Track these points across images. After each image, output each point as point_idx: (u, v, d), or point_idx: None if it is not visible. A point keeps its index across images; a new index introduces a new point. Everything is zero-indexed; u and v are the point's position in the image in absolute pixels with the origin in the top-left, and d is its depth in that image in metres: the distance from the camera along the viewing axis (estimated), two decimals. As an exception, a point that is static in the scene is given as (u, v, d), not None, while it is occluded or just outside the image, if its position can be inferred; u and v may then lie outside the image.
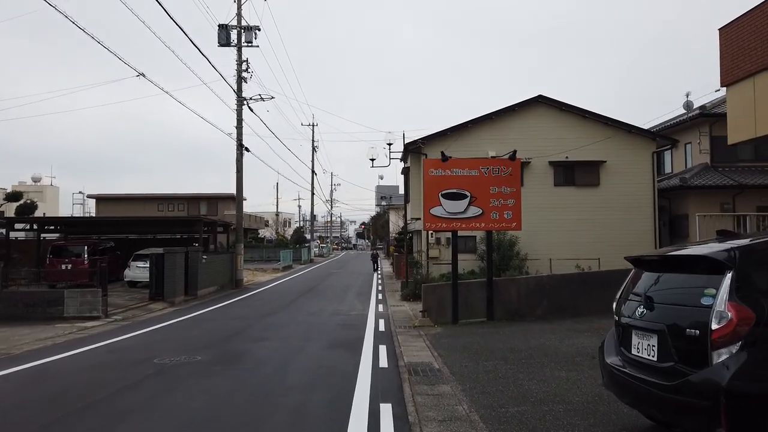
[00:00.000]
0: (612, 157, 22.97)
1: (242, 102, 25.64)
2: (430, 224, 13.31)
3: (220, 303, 19.18)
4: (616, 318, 5.19)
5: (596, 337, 10.27)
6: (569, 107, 23.17)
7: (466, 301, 13.33)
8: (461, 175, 13.25)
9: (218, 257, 23.79)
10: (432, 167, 13.34)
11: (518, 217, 13.26)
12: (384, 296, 20.89)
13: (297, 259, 44.94)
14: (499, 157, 23.18)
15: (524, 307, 13.38)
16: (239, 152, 25.53)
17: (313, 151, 48.90)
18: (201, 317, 15.42)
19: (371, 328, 12.89)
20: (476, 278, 22.00)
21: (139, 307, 17.57)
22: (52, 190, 67.82)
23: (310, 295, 21.28)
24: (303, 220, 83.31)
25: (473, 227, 13.31)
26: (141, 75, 15.39)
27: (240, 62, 25.45)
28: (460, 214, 13.19)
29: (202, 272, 21.54)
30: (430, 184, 13.31)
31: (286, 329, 12.81)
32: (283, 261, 37.85)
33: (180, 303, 19.11)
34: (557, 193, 23.18)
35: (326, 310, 16.67)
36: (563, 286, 13.49)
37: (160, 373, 8.18)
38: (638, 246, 22.77)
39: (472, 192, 13.18)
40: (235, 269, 25.55)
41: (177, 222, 22.86)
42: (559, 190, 23.26)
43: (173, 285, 19.04)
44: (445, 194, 13.21)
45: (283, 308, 17.26)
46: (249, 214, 53.53)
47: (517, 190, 13.30)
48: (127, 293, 21.21)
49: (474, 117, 23.40)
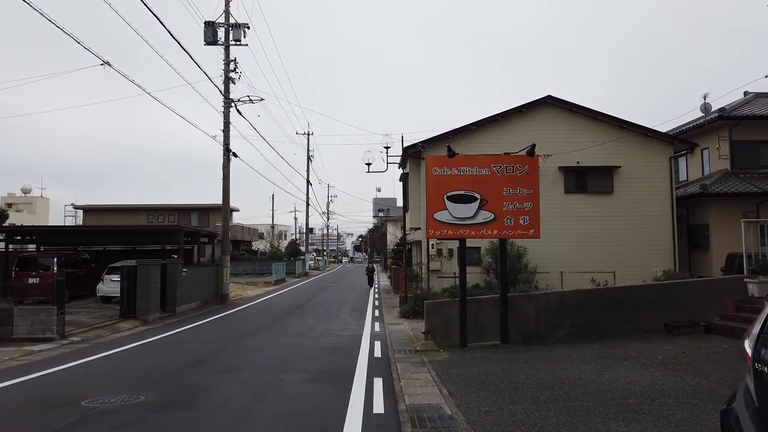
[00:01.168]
0: (626, 162, 21.10)
1: (229, 104, 23.75)
2: (434, 231, 11.34)
3: (199, 321, 17.10)
4: (756, 366, 3.16)
5: (641, 368, 8.25)
6: (580, 108, 21.33)
7: (476, 321, 11.33)
8: (470, 174, 11.31)
9: (201, 270, 21.74)
10: (436, 165, 11.40)
11: (536, 223, 11.31)
12: (381, 313, 18.84)
13: (291, 272, 42.85)
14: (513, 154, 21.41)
15: (543, 327, 11.37)
16: (226, 157, 23.58)
17: (309, 160, 47.10)
18: (171, 339, 13.35)
19: (365, 352, 10.84)
20: (482, 293, 20.00)
21: (105, 327, 15.48)
22: (42, 201, 65.70)
23: (299, 312, 19.22)
24: (299, 232, 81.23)
25: (484, 234, 11.33)
26: (106, 63, 13.50)
27: (227, 62, 23.59)
28: (468, 219, 11.23)
29: (182, 286, 19.48)
30: (434, 185, 11.37)
31: (264, 355, 10.76)
32: (275, 274, 35.77)
33: (154, 321, 17.03)
34: (568, 200, 21.26)
35: (315, 329, 14.62)
36: (588, 304, 11.48)
37: (78, 424, 6.10)
38: (656, 259, 20.84)
39: (482, 194, 11.23)
40: (221, 283, 23.47)
41: (156, 232, 20.88)
42: (570, 197, 21.34)
43: (147, 301, 16.96)
44: (452, 196, 11.26)
45: (267, 327, 15.19)
46: (242, 225, 51.49)
47: (534, 192, 11.36)
48: (98, 310, 19.11)
49: (478, 119, 21.54)
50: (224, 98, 23.63)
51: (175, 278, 18.99)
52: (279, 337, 13.25)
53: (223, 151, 23.57)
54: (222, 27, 23.56)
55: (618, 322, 11.35)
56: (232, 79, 23.74)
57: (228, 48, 23.61)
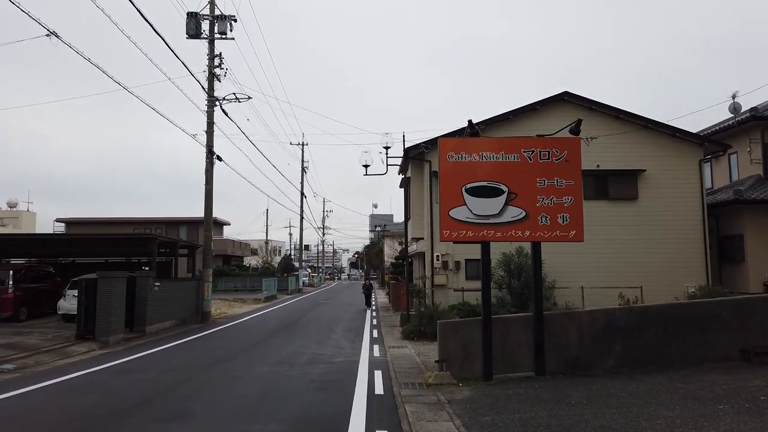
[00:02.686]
0: (652, 165, 18.80)
1: (213, 102, 21.41)
2: (449, 232, 8.89)
3: (170, 343, 14.51)
4: None
5: (752, 417, 5.75)
6: (600, 106, 19.07)
7: (503, 347, 8.84)
8: (495, 161, 8.93)
9: (178, 285, 19.17)
10: (452, 150, 9.00)
11: (579, 222, 8.90)
12: (380, 334, 16.28)
13: (283, 288, 40.20)
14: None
15: (588, 354, 8.88)
16: (209, 160, 21.16)
17: (303, 171, 44.69)
18: (125, 367, 10.76)
19: (363, 387, 8.32)
20: (495, 312, 17.52)
21: (52, 351, 12.87)
22: (29, 215, 62.88)
23: (286, 332, 16.64)
24: (294, 248, 78.55)
25: (513, 237, 8.90)
26: (53, 34, 11.13)
27: (212, 56, 21.32)
28: (493, 217, 8.82)
29: (154, 303, 16.91)
30: (449, 175, 8.96)
31: (231, 391, 8.20)
32: (266, 291, 33.14)
33: (117, 343, 14.43)
34: (588, 207, 18.54)
35: (303, 354, 12.07)
36: (643, 325, 9.00)
37: None
38: (686, 272, 18.41)
39: (510, 185, 8.84)
40: (201, 299, 20.87)
41: (125, 242, 18.34)
42: (589, 204, 18.74)
43: (108, 319, 14.38)
44: (472, 189, 8.85)
45: (245, 352, 12.62)
46: (233, 240, 48.90)
47: (576, 184, 8.97)
48: (56, 329, 16.48)
49: (487, 117, 19.26)
50: (208, 96, 21.30)
51: (145, 293, 16.43)
52: (257, 365, 10.68)
53: (206, 153, 21.16)
54: (206, 19, 21.35)
55: (681, 348, 8.89)
56: (216, 75, 21.44)
57: (213, 42, 21.35)
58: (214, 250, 44.88)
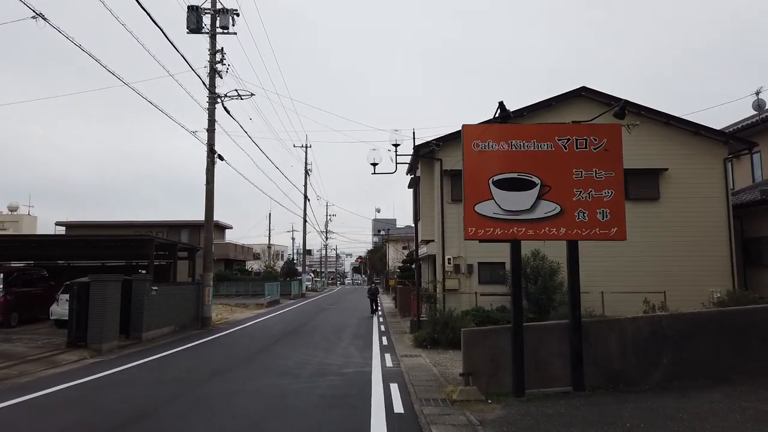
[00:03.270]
0: (674, 164, 17.81)
1: (215, 99, 20.50)
2: (475, 229, 7.89)
3: (166, 351, 13.52)
4: None
5: None
6: (619, 102, 18.06)
7: (535, 358, 7.83)
8: (526, 150, 7.95)
9: (177, 289, 18.18)
10: (477, 138, 8.03)
11: (621, 219, 7.91)
12: (390, 341, 15.28)
13: (286, 293, 39.17)
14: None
15: (632, 366, 7.86)
16: (210, 159, 20.23)
17: (306, 174, 43.77)
18: (115, 379, 9.77)
19: (380, 404, 7.32)
20: (508, 317, 16.49)
21: (40, 359, 11.90)
22: (30, 219, 62.03)
23: (291, 339, 15.63)
24: (296, 253, 77.55)
25: (546, 235, 7.90)
26: (39, 16, 10.21)
27: (213, 52, 20.43)
28: (524, 213, 7.83)
29: (152, 308, 15.93)
30: (474, 165, 7.98)
31: (230, 408, 7.21)
32: (268, 295, 32.13)
33: (110, 351, 13.46)
34: (608, 208, 17.84)
35: (309, 363, 11.07)
36: (694, 334, 7.99)
37: None
38: (710, 276, 17.36)
39: (543, 177, 7.86)
40: (202, 304, 19.89)
41: (121, 244, 17.32)
42: (609, 204, 17.95)
43: (101, 326, 13.41)
44: (501, 181, 7.88)
45: (247, 361, 11.62)
46: (235, 244, 47.93)
47: (617, 176, 7.98)
48: (47, 336, 15.52)
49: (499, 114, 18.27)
50: (209, 92, 20.38)
51: (141, 298, 15.45)
52: (259, 376, 9.67)
53: (207, 152, 20.23)
54: (208, 13, 20.47)
55: (737, 359, 7.88)
56: (218, 71, 20.54)
57: (214, 37, 20.47)
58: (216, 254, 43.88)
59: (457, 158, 18.45)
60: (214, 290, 40.39)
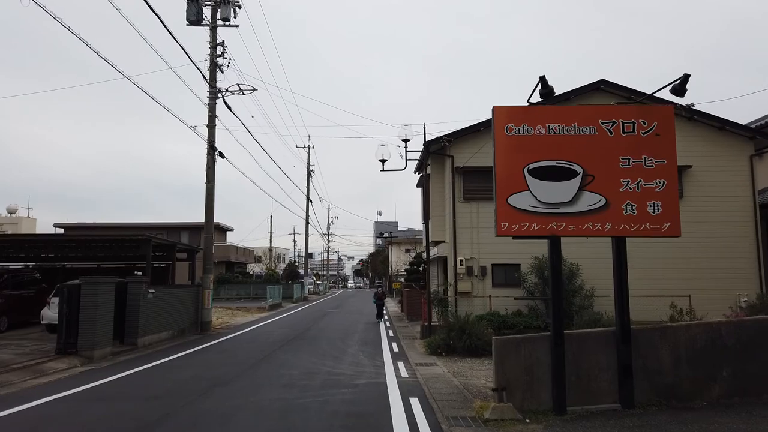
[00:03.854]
0: (698, 161, 16.85)
1: (216, 94, 19.58)
2: (508, 224, 6.93)
3: (163, 358, 12.55)
4: None
5: None
6: (639, 95, 17.07)
7: (576, 370, 6.86)
8: (566, 135, 7.01)
9: (176, 292, 17.21)
10: (510, 121, 7.08)
11: (674, 212, 6.96)
12: (400, 347, 14.30)
13: (288, 296, 38.18)
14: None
15: (686, 380, 6.89)
16: (210, 157, 19.29)
17: (309, 175, 42.79)
18: (105, 391, 8.81)
19: (402, 425, 6.35)
20: (527, 323, 15.52)
21: (27, 368, 10.92)
22: (29, 221, 61.12)
23: (295, 345, 14.65)
24: (298, 255, 76.55)
25: (590, 230, 6.93)
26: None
27: (214, 45, 19.51)
28: (564, 206, 6.88)
29: (148, 312, 14.97)
30: (507, 153, 7.03)
31: (229, 430, 6.24)
32: (270, 298, 31.14)
33: (103, 358, 12.50)
34: (628, 206, 16.88)
35: (317, 373, 10.09)
36: (757, 343, 7.02)
37: None
38: (735, 279, 16.35)
39: (585, 166, 6.91)
40: (201, 308, 18.91)
41: (115, 244, 16.28)
42: (629, 203, 16.99)
43: (92, 331, 12.45)
44: (537, 170, 6.93)
45: (249, 370, 10.64)
46: (236, 246, 46.98)
47: (670, 163, 7.03)
48: (37, 342, 14.55)
49: (516, 107, 17.34)
50: (210, 87, 19.46)
51: (137, 301, 14.50)
52: (262, 388, 8.70)
53: (207, 149, 19.29)
54: (208, 5, 19.56)
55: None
56: (219, 65, 19.62)
57: (215, 29, 19.55)
58: (217, 257, 42.91)
59: (470, 154, 17.51)
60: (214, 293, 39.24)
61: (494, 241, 17.41)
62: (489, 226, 17.20)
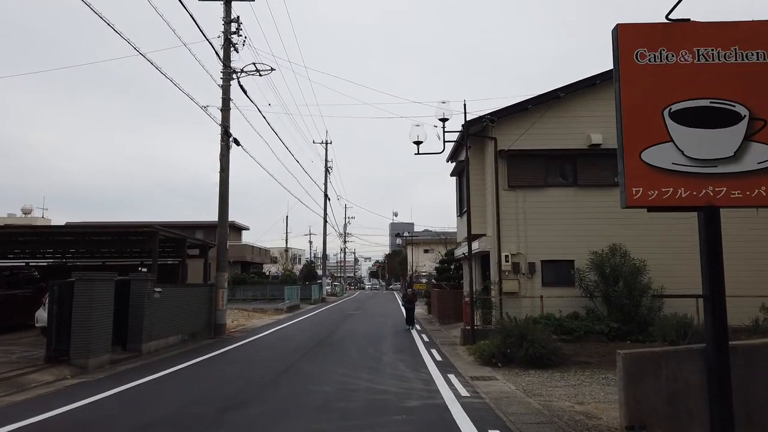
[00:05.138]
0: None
1: (230, 75, 17.67)
2: (643, 189, 4.77)
3: (168, 368, 10.57)
4: None
5: None
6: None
7: (745, 399, 4.71)
8: (722, 63, 4.86)
9: (186, 291, 15.27)
10: (642, 44, 4.94)
11: None
12: (443, 355, 12.17)
13: (306, 298, 36.22)
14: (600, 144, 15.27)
15: None
16: (224, 143, 17.36)
17: (327, 172, 40.88)
18: (89, 414, 6.81)
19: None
20: (589, 327, 13.33)
21: (7, 380, 8.97)
22: (43, 222, 59.98)
23: (321, 353, 12.61)
24: (314, 256, 74.67)
25: (762, 198, 4.78)
26: None
27: (228, 21, 17.60)
28: (723, 163, 4.73)
29: (154, 314, 13.04)
30: (638, 88, 4.90)
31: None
32: (288, 300, 29.21)
33: (99, 367, 10.58)
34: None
35: (354, 390, 8.03)
36: None
37: None
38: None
39: (753, 107, 4.77)
40: (215, 310, 16.97)
41: (119, 237, 14.30)
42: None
43: (86, 337, 10.51)
44: (683, 113, 4.79)
45: (270, 387, 8.59)
46: (252, 245, 45.18)
47: None
48: (28, 347, 12.65)
49: (570, 82, 15.22)
50: (223, 66, 17.55)
51: (141, 302, 12.56)
52: (289, 415, 6.63)
53: (221, 134, 17.37)
54: (223, -23, 17.66)
55: None
56: (233, 43, 17.70)
57: (229, 3, 17.64)
58: (232, 257, 41.07)
59: (515, 136, 15.35)
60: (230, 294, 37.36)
61: (544, 235, 15.27)
62: (537, 217, 15.03)
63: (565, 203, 14.92)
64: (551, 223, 14.82)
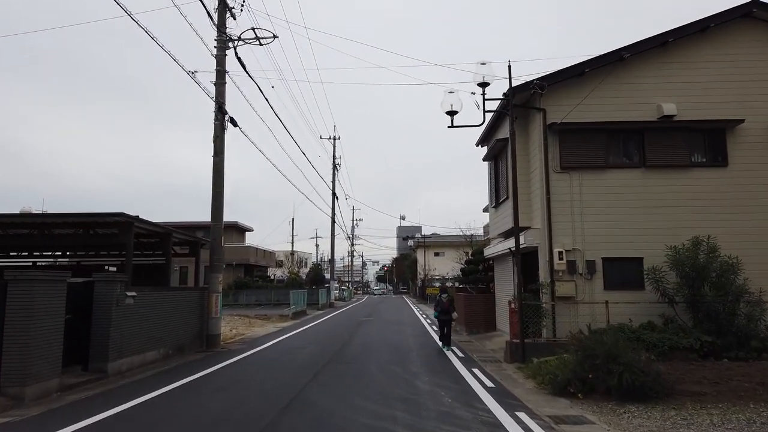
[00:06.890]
0: None
1: (226, 43, 14.98)
2: None
3: (134, 399, 7.78)
4: None
5: None
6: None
7: None
8: None
9: (169, 296, 12.50)
10: None
11: None
12: (491, 378, 9.30)
13: (313, 302, 33.38)
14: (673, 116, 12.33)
15: None
16: (218, 122, 14.65)
17: (335, 168, 38.09)
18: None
19: None
20: (669, 340, 10.49)
21: None
22: (43, 224, 57.38)
23: (335, 374, 9.80)
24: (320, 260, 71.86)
25: None
26: None
27: (224, -21, 14.91)
28: None
29: (126, 324, 10.29)
30: None
31: None
32: (293, 305, 26.39)
33: (43, 396, 7.86)
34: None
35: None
36: None
37: None
38: None
39: None
40: (207, 317, 14.21)
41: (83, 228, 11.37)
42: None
43: (23, 356, 7.78)
44: None
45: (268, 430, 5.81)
46: (257, 248, 42.45)
47: None
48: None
49: (634, 41, 12.43)
50: (218, 33, 14.85)
51: (108, 309, 9.82)
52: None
53: (215, 112, 14.67)
54: (217, -70, 14.97)
55: None
56: (230, 7, 15.03)
57: (225, -41, 14.95)
58: (235, 259, 38.27)
59: (570, 107, 12.46)
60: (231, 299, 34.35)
61: (605, 228, 12.40)
62: (597, 206, 12.16)
63: (631, 188, 12.14)
64: (614, 212, 12.03)
